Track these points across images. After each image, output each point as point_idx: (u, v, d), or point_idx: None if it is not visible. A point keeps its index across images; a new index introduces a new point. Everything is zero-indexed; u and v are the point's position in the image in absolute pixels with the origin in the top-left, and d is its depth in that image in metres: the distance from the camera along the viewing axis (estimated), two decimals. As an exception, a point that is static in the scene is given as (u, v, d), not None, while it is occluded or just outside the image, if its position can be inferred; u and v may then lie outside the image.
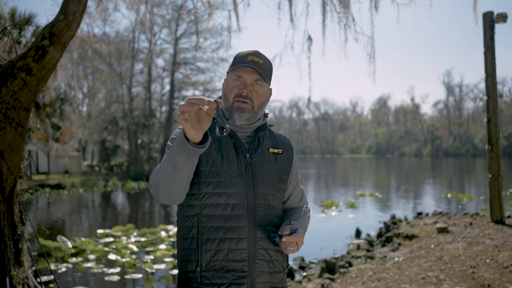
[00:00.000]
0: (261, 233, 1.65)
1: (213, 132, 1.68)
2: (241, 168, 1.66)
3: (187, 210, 1.68)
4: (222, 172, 1.63)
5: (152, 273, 7.24)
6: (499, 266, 5.20)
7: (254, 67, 1.65)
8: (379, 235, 9.73)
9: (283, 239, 1.57)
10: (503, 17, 8.19)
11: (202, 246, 1.61)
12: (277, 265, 1.70)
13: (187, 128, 1.29)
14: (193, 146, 1.34)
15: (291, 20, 6.21)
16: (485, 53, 8.36)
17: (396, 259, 6.35)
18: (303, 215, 1.79)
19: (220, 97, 1.79)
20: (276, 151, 1.77)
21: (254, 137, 1.74)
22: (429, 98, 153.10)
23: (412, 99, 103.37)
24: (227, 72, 1.76)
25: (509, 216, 9.02)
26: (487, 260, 5.53)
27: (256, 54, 1.70)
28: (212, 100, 1.28)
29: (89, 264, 7.79)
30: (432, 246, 6.83)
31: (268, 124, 1.80)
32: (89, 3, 4.96)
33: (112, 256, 8.16)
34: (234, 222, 1.62)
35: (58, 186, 24.33)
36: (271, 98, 1.83)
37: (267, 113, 1.81)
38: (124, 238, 9.81)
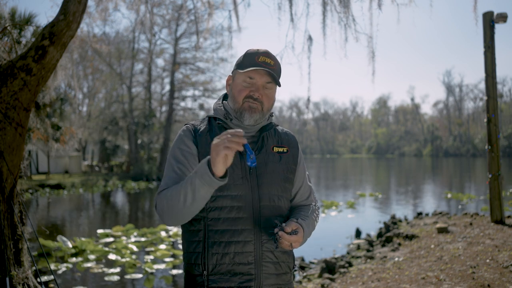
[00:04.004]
0: (267, 235, 1.62)
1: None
2: (244, 169, 1.63)
3: None
4: None
5: (152, 273, 7.24)
6: (499, 266, 5.20)
7: (267, 69, 1.62)
8: (379, 235, 9.72)
9: (279, 234, 1.53)
10: (503, 17, 8.19)
11: (209, 249, 1.59)
12: (283, 266, 1.68)
13: (219, 163, 1.35)
14: (218, 180, 1.39)
15: (292, 20, 6.21)
16: (485, 53, 8.36)
17: (396, 259, 6.34)
18: (311, 213, 1.74)
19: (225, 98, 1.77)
20: (281, 150, 1.73)
21: (258, 137, 1.71)
22: (429, 98, 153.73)
23: (412, 99, 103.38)
24: (234, 69, 1.72)
25: (509, 216, 9.02)
26: (487, 260, 5.53)
27: (267, 54, 1.65)
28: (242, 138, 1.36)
29: (89, 264, 7.78)
30: (432, 246, 6.83)
31: (273, 123, 1.75)
32: (89, 3, 4.96)
33: (112, 256, 8.16)
34: (240, 225, 1.60)
35: (58, 186, 24.33)
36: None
37: (272, 112, 1.78)
38: (124, 238, 9.81)
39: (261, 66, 1.62)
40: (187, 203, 1.47)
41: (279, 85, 1.69)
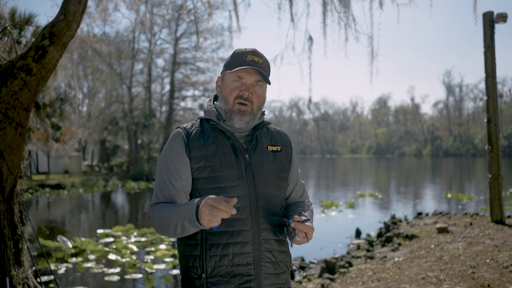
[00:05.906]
0: (265, 235, 1.62)
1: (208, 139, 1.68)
2: (241, 170, 1.63)
3: None
4: (222, 177, 1.60)
5: (152, 273, 7.24)
6: (499, 266, 5.20)
7: (255, 68, 1.62)
8: (379, 235, 9.72)
9: (292, 225, 1.52)
10: (503, 17, 8.19)
11: (207, 252, 1.59)
12: (282, 265, 1.68)
13: (204, 220, 1.39)
14: (203, 227, 1.44)
15: (292, 20, 6.21)
16: (485, 53, 8.36)
17: (396, 259, 6.34)
18: (307, 208, 1.76)
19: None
20: (275, 148, 1.74)
21: (252, 136, 1.70)
22: (429, 98, 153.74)
23: (412, 99, 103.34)
24: (223, 70, 1.72)
25: (509, 216, 9.02)
26: (487, 260, 5.53)
27: (255, 53, 1.66)
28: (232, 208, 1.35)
29: (89, 264, 7.78)
30: (432, 246, 6.83)
31: (265, 122, 1.75)
32: (89, 3, 4.96)
33: (112, 256, 8.16)
34: (238, 226, 1.59)
35: (58, 186, 24.33)
36: (271, 97, 1.79)
37: (264, 111, 1.78)
38: (124, 238, 9.81)
39: (250, 65, 1.62)
40: (177, 233, 1.53)
41: (269, 83, 1.68)
